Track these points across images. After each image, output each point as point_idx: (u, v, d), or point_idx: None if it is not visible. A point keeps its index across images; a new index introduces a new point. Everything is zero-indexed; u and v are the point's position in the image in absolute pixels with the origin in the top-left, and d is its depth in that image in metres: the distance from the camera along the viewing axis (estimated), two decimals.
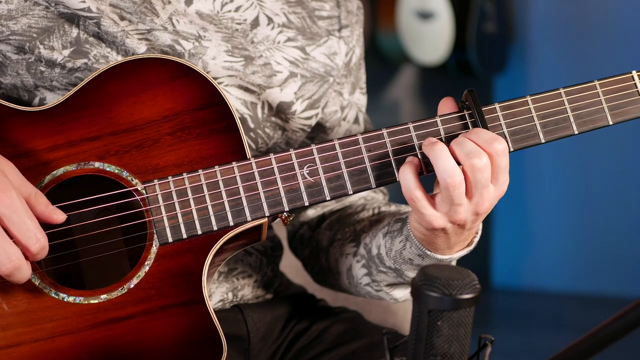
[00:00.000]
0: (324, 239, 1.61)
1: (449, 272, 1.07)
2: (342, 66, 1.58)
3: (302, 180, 1.35)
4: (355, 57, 1.61)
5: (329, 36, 1.57)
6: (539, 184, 5.75)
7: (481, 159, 1.30)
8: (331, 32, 1.57)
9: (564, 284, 5.70)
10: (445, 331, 1.06)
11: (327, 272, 1.61)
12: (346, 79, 1.60)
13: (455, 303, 1.05)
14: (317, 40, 1.55)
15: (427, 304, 1.06)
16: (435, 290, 1.05)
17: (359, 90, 1.64)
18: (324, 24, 1.57)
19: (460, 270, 1.08)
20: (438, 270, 1.07)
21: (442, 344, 1.06)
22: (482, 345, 1.11)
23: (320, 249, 1.61)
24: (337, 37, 1.58)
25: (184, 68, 1.36)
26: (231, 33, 1.49)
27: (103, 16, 1.41)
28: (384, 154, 1.36)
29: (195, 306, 1.31)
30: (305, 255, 1.67)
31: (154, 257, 1.32)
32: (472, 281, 1.07)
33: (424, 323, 1.06)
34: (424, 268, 1.08)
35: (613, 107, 1.41)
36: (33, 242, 1.23)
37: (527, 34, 5.74)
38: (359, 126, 1.64)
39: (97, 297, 1.31)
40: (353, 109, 1.63)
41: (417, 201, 1.33)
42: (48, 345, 1.29)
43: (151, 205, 1.33)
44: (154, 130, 1.35)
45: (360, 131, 1.63)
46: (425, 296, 1.05)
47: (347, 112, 1.62)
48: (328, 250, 1.59)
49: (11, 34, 1.40)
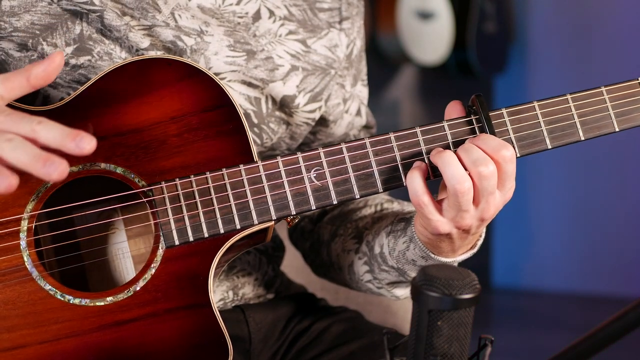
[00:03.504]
0: (325, 233, 1.61)
1: (449, 272, 1.07)
2: (344, 58, 1.58)
3: (310, 183, 1.35)
4: (356, 49, 1.61)
5: (330, 28, 1.57)
6: (540, 184, 5.75)
7: (488, 167, 1.30)
8: (332, 24, 1.57)
9: (564, 284, 5.70)
10: (445, 331, 1.06)
11: (328, 266, 1.61)
12: (348, 71, 1.60)
13: (455, 303, 1.05)
14: (318, 33, 1.55)
15: (427, 304, 1.06)
16: (435, 290, 1.05)
17: (360, 83, 1.64)
18: (324, 16, 1.56)
19: (460, 270, 1.08)
20: (438, 270, 1.07)
21: (442, 344, 1.06)
22: (482, 345, 1.11)
23: (321, 242, 1.61)
24: (337, 30, 1.57)
25: (191, 69, 1.35)
26: (233, 27, 1.48)
27: (106, 9, 1.41)
28: (391, 158, 1.36)
29: (201, 309, 1.31)
30: (305, 248, 1.67)
31: (160, 259, 1.32)
32: (472, 281, 1.07)
33: (424, 323, 1.06)
34: (424, 268, 1.08)
35: (619, 113, 1.41)
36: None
37: (527, 34, 5.74)
38: (361, 118, 1.64)
39: (103, 299, 1.30)
40: (355, 101, 1.63)
41: (425, 207, 1.33)
42: (53, 347, 1.28)
43: (158, 207, 1.32)
44: (160, 132, 1.34)
45: (362, 124, 1.64)
46: (425, 296, 1.05)
47: (349, 104, 1.61)
48: (329, 244, 1.59)
49: (14, 31, 1.39)
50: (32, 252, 1.29)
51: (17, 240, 1.29)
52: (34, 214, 1.30)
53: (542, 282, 5.78)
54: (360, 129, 1.65)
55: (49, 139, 1.14)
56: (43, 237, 1.36)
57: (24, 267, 1.29)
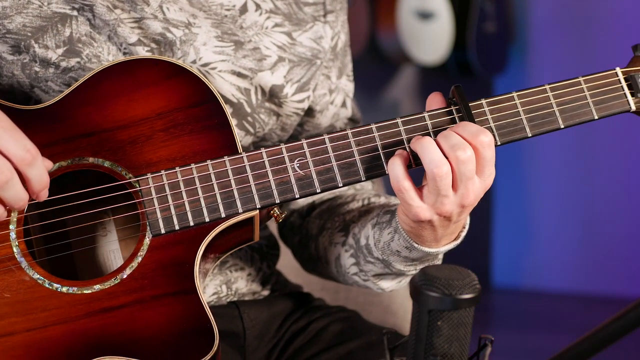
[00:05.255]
0: (314, 228, 1.62)
1: (449, 272, 1.07)
2: (329, 50, 1.61)
3: (293, 173, 1.37)
4: (340, 42, 1.63)
5: (315, 22, 1.59)
6: (539, 184, 5.75)
7: (465, 152, 1.31)
8: (317, 17, 1.60)
9: (564, 284, 5.70)
10: (445, 331, 1.06)
11: (316, 260, 1.63)
12: (333, 63, 1.62)
13: (455, 303, 1.06)
14: (303, 26, 1.58)
15: (427, 304, 1.06)
16: (435, 290, 1.06)
17: (345, 77, 1.66)
18: (309, 10, 1.59)
19: (460, 270, 1.08)
20: (438, 270, 1.07)
21: (442, 344, 1.07)
22: (482, 345, 1.11)
23: (309, 237, 1.63)
24: (322, 22, 1.60)
25: (177, 68, 1.38)
26: (220, 19, 1.51)
27: (96, 4, 1.44)
28: (372, 147, 1.38)
29: (187, 296, 1.33)
30: (294, 243, 1.68)
31: (147, 248, 1.34)
32: (472, 281, 1.07)
33: (424, 323, 1.06)
34: (424, 268, 1.08)
35: (598, 102, 1.44)
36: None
37: (527, 34, 5.75)
38: (347, 109, 1.66)
39: (90, 287, 1.32)
40: (340, 93, 1.65)
41: (405, 192, 1.34)
42: (41, 334, 1.30)
43: (144, 197, 1.35)
44: (147, 127, 1.37)
45: (348, 115, 1.66)
46: (425, 296, 1.06)
47: (334, 96, 1.64)
48: (317, 238, 1.60)
49: (7, 33, 1.42)
50: (21, 242, 1.32)
51: (6, 231, 1.32)
52: None
53: (542, 282, 5.77)
54: (346, 122, 1.67)
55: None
56: (32, 227, 1.38)
57: (13, 257, 1.32)
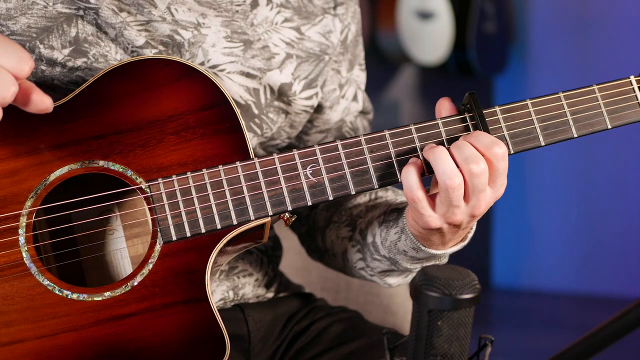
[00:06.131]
0: (321, 219, 1.62)
1: (449, 272, 1.07)
2: (338, 44, 1.59)
3: (305, 180, 1.36)
4: (351, 34, 1.62)
5: (324, 14, 1.58)
6: (539, 184, 5.75)
7: (479, 165, 1.31)
8: (326, 10, 1.58)
9: (564, 284, 5.70)
10: (445, 331, 1.06)
11: (323, 252, 1.63)
12: (343, 57, 1.61)
13: (455, 303, 1.06)
14: (312, 20, 1.56)
15: (427, 304, 1.06)
16: (435, 290, 1.06)
17: (357, 67, 1.65)
18: (319, 2, 1.58)
19: (460, 270, 1.08)
20: (438, 270, 1.07)
21: (442, 344, 1.07)
22: (482, 345, 1.11)
23: (317, 228, 1.63)
24: (332, 15, 1.58)
25: (188, 68, 1.36)
26: (231, 16, 1.49)
27: (102, 6, 1.42)
28: (386, 155, 1.38)
29: (198, 304, 1.32)
30: (301, 232, 1.68)
31: (158, 255, 1.33)
32: (472, 281, 1.07)
33: (424, 323, 1.06)
34: (424, 268, 1.08)
35: (612, 111, 1.43)
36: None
37: (527, 34, 5.74)
38: (358, 103, 1.65)
39: (100, 294, 1.31)
40: (352, 86, 1.64)
41: (419, 202, 1.34)
42: (51, 341, 1.29)
43: (155, 203, 1.33)
44: (158, 130, 1.35)
45: (358, 109, 1.65)
46: (425, 296, 1.06)
47: (345, 89, 1.63)
48: (324, 231, 1.61)
49: (11, 34, 1.40)
50: (30, 248, 1.31)
51: (15, 236, 1.31)
52: (33, 210, 1.31)
53: (542, 282, 5.77)
54: (356, 115, 1.66)
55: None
56: (41, 233, 1.37)
57: (22, 263, 1.30)
